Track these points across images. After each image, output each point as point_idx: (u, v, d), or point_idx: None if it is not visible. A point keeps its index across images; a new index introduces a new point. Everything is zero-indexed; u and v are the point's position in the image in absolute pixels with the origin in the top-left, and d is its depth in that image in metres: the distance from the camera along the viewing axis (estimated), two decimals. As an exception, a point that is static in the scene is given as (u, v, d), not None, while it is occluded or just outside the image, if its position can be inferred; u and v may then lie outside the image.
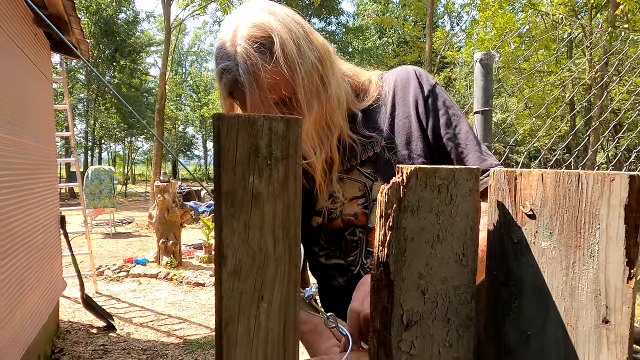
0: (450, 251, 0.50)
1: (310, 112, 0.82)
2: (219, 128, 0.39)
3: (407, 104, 0.91)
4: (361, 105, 0.94)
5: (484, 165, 0.86)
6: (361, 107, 0.94)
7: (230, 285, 0.40)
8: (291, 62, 0.78)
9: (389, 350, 0.48)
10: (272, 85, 0.79)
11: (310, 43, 0.82)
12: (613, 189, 0.42)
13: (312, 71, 0.80)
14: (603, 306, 0.44)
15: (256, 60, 0.77)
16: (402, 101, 0.92)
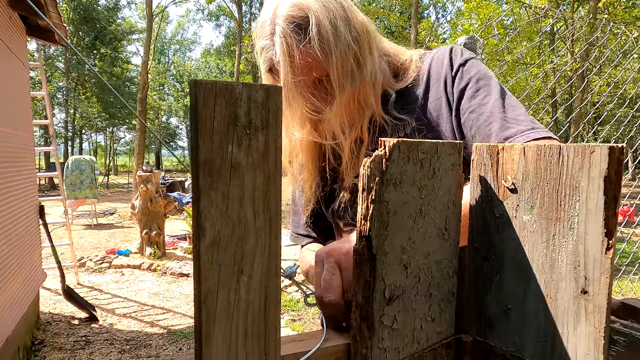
0: (432, 225, 0.50)
1: (342, 94, 0.82)
2: (196, 95, 0.37)
3: (439, 85, 0.89)
4: (398, 86, 0.92)
5: (505, 134, 0.77)
6: (397, 88, 0.92)
7: (209, 257, 0.39)
8: (325, 43, 0.78)
9: (371, 325, 0.48)
10: (305, 66, 0.80)
11: (348, 23, 0.81)
12: (593, 161, 0.43)
13: (347, 52, 0.80)
14: (582, 277, 0.44)
15: (291, 41, 0.78)
16: (436, 82, 0.90)
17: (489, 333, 0.52)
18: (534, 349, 0.48)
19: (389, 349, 0.49)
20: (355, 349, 0.49)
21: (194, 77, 41.18)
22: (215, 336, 0.40)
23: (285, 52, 0.78)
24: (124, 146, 42.43)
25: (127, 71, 28.97)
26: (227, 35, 23.30)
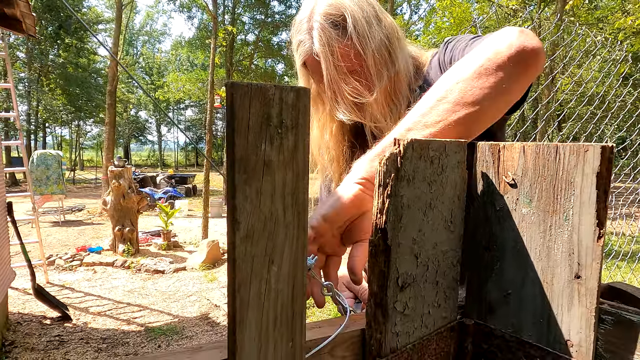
0: (440, 218, 0.54)
1: (380, 82, 0.88)
2: (233, 96, 0.40)
3: (438, 71, 0.96)
4: (418, 83, 0.99)
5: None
6: (419, 85, 0.99)
7: (243, 249, 0.42)
8: (362, 37, 0.86)
9: (385, 311, 0.51)
10: (344, 56, 0.86)
11: (379, 22, 0.89)
12: (587, 159, 0.47)
13: (381, 46, 0.88)
14: (575, 263, 0.49)
15: (330, 34, 0.86)
16: (436, 70, 0.96)
17: (489, 317, 0.57)
18: (531, 330, 0.53)
19: (401, 333, 0.53)
20: (370, 334, 0.52)
21: (163, 69, 40.17)
22: (248, 323, 0.43)
23: (324, 43, 0.86)
24: (90, 140, 41.03)
25: (93, 62, 27.96)
26: (200, 28, 22.83)
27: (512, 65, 0.65)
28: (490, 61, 0.66)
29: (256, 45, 22.03)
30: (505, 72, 0.65)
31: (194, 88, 20.75)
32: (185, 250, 6.95)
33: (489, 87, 0.64)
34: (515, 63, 0.65)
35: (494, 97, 0.64)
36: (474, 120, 0.64)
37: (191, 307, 4.52)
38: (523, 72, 0.66)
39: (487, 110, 0.64)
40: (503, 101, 0.66)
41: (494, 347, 0.55)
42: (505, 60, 0.65)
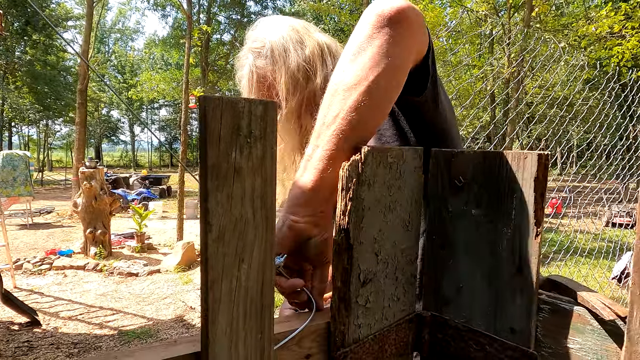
0: (398, 219, 0.59)
1: (288, 102, 0.96)
2: (205, 108, 0.43)
3: None
4: None
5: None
6: None
7: (214, 249, 0.45)
8: (276, 62, 0.97)
9: (348, 305, 0.56)
10: (260, 84, 0.99)
11: (301, 45, 0.97)
12: (526, 165, 0.53)
13: (296, 69, 0.95)
14: (517, 259, 0.55)
15: (253, 66, 1.00)
16: None
17: (444, 309, 0.62)
18: (480, 319, 0.59)
19: (363, 325, 0.58)
20: (334, 326, 0.57)
21: (136, 68, 39.33)
22: (220, 317, 0.47)
23: (249, 77, 1.00)
24: (59, 140, 39.77)
25: (63, 60, 27.11)
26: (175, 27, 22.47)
27: (379, 31, 0.63)
28: (361, 35, 0.65)
29: (232, 45, 21.86)
30: (377, 41, 0.63)
31: (168, 87, 20.40)
32: (159, 253, 6.85)
33: (369, 60, 0.62)
34: (380, 28, 0.64)
35: (376, 67, 0.62)
36: (370, 98, 0.61)
37: (166, 309, 4.47)
38: (394, 33, 0.63)
39: (378, 84, 0.61)
40: (389, 69, 0.62)
41: (448, 337, 0.60)
42: (371, 30, 0.64)
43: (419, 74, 0.74)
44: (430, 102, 0.79)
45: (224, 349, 0.48)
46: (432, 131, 0.82)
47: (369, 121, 0.61)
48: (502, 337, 0.56)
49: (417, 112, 0.81)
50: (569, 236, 6.67)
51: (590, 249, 6.26)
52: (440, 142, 0.83)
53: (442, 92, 0.84)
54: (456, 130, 0.92)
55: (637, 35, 7.44)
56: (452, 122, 0.88)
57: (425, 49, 0.73)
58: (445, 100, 0.86)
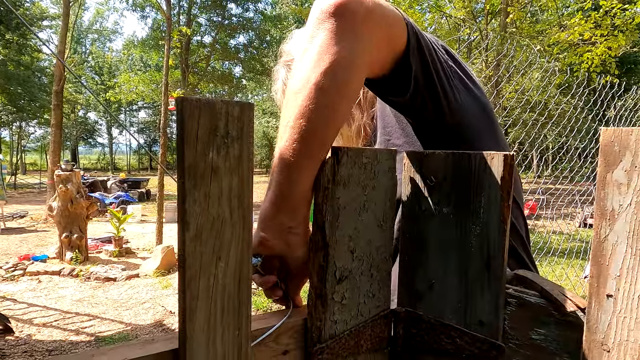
0: (373, 218, 0.61)
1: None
2: (182, 110, 0.44)
3: None
4: None
5: None
6: None
7: (192, 247, 0.46)
8: None
9: (324, 302, 0.57)
10: None
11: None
12: (493, 165, 0.56)
13: None
14: (486, 255, 0.58)
15: (285, 78, 0.98)
16: None
17: (417, 304, 0.64)
18: (451, 314, 0.61)
19: (339, 321, 0.59)
20: (311, 322, 0.58)
21: (115, 69, 38.62)
22: (197, 314, 0.47)
23: (282, 90, 0.98)
24: (34, 142, 38.68)
25: (37, 60, 26.40)
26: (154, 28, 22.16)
27: (319, 28, 0.60)
28: (306, 35, 0.62)
29: (213, 48, 21.69)
30: (318, 39, 0.59)
31: (147, 89, 20.10)
32: (138, 257, 6.73)
33: (310, 60, 0.59)
34: (321, 24, 0.60)
35: (317, 68, 0.58)
36: (316, 101, 0.57)
37: (145, 314, 4.40)
38: (335, 28, 0.59)
39: (321, 85, 0.57)
40: (333, 67, 0.58)
41: (422, 331, 0.63)
42: (313, 28, 0.60)
43: (401, 72, 0.69)
44: (428, 100, 0.72)
45: (202, 345, 0.49)
46: (442, 130, 0.76)
47: (320, 126, 0.57)
48: (472, 330, 0.59)
49: (417, 113, 0.76)
50: (544, 237, 6.85)
51: (563, 249, 6.44)
52: (459, 140, 0.76)
53: (451, 85, 0.75)
54: (487, 124, 0.81)
55: (605, 42, 7.73)
56: (477, 116, 0.79)
57: (401, 44, 0.67)
58: (462, 93, 0.77)
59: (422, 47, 0.70)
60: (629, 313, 0.48)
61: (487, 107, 0.83)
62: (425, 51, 0.70)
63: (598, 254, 0.50)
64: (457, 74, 0.78)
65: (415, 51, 0.69)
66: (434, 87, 0.72)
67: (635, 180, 0.47)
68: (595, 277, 0.51)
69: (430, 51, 0.71)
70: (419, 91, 0.71)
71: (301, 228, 0.60)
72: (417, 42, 0.69)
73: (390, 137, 0.87)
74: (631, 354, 0.49)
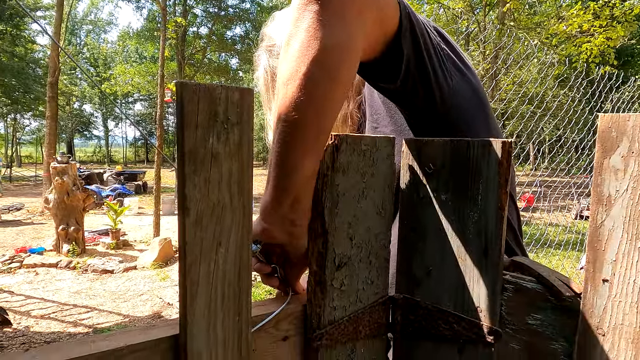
0: (372, 205, 0.61)
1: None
2: (182, 95, 0.44)
3: None
4: None
5: None
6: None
7: (192, 233, 0.46)
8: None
9: (324, 288, 0.58)
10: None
11: None
12: (491, 152, 0.56)
13: None
14: (483, 241, 0.58)
15: (267, 65, 0.95)
16: None
17: (415, 291, 0.65)
18: (449, 299, 0.62)
19: (338, 307, 0.60)
20: (310, 309, 0.59)
21: (110, 61, 38.30)
22: (198, 299, 0.48)
23: (264, 77, 0.96)
24: (29, 135, 38.44)
25: (32, 52, 26.14)
26: (150, 19, 21.93)
27: (304, 12, 0.57)
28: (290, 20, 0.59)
29: (209, 39, 21.51)
30: (303, 23, 0.57)
31: (143, 81, 19.94)
32: (135, 249, 6.74)
33: (297, 49, 0.56)
34: (305, 7, 0.56)
35: (305, 56, 0.55)
36: (307, 92, 0.55)
37: (142, 306, 4.41)
38: (321, 11, 0.55)
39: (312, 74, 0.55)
40: (322, 53, 0.55)
41: (420, 317, 0.63)
42: (297, 13, 0.58)
43: (392, 56, 0.66)
44: (419, 85, 0.69)
45: (202, 330, 0.49)
46: (432, 118, 0.74)
47: (314, 117, 0.55)
48: (469, 315, 0.60)
49: (407, 100, 0.73)
50: (541, 229, 6.89)
51: (559, 241, 6.49)
52: (449, 127, 0.74)
53: (443, 69, 0.73)
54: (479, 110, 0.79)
55: (604, 33, 7.72)
56: (469, 101, 0.77)
57: (393, 26, 0.64)
58: (455, 77, 0.75)
59: (415, 29, 0.67)
60: (624, 297, 0.49)
61: (480, 90, 0.81)
62: (418, 34, 0.67)
63: (594, 239, 0.50)
64: (450, 58, 0.76)
65: (407, 34, 0.66)
66: (426, 72, 0.69)
67: (632, 166, 0.47)
68: (591, 262, 0.51)
69: (423, 34, 0.69)
70: (410, 76, 0.68)
71: (304, 219, 0.58)
72: (410, 24, 0.66)
73: (377, 125, 0.85)
74: (626, 337, 0.50)
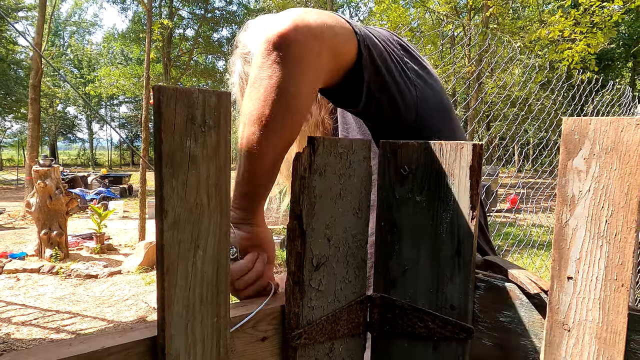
0: (349, 206, 0.63)
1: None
2: (159, 99, 0.45)
3: None
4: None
5: None
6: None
7: (170, 235, 0.47)
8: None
9: (302, 288, 0.59)
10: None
11: None
12: (462, 154, 0.58)
13: None
14: (456, 241, 0.60)
15: (242, 73, 0.97)
16: None
17: (392, 290, 0.66)
18: (424, 298, 0.63)
19: (316, 307, 0.61)
20: (289, 309, 0.60)
21: (95, 62, 37.79)
22: (175, 301, 0.48)
23: (240, 84, 0.97)
24: (10, 138, 37.66)
25: (13, 53, 25.65)
26: (135, 21, 21.73)
27: (267, 60, 0.63)
28: (254, 65, 0.66)
29: (196, 41, 21.39)
30: (265, 71, 0.64)
31: (128, 83, 19.74)
32: (120, 253, 6.65)
33: (261, 94, 0.64)
34: (268, 56, 0.64)
35: (267, 100, 0.63)
36: (267, 131, 0.64)
37: (127, 311, 4.36)
38: (281, 61, 0.63)
39: (274, 118, 0.64)
40: (283, 99, 0.63)
41: (396, 316, 0.65)
42: (261, 59, 0.64)
43: (353, 82, 0.72)
44: (384, 104, 0.75)
45: (180, 332, 0.50)
46: (398, 130, 0.80)
47: (270, 152, 0.66)
48: (443, 313, 0.61)
49: (374, 119, 0.80)
50: (525, 230, 7.00)
51: (542, 241, 6.60)
52: (417, 137, 0.76)
53: (407, 83, 0.78)
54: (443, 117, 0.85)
55: (585, 39, 7.90)
56: (433, 109, 0.82)
57: (352, 57, 0.70)
58: (419, 88, 0.80)
59: (375, 57, 0.73)
60: (588, 294, 0.51)
61: (443, 95, 0.87)
62: (377, 59, 0.73)
63: (560, 238, 0.53)
64: (413, 69, 0.81)
65: (367, 62, 0.72)
66: (388, 90, 0.75)
67: (593, 167, 0.50)
68: (556, 260, 0.53)
69: (382, 55, 0.74)
70: (374, 98, 0.74)
71: (259, 219, 0.70)
72: (369, 52, 0.72)
73: (348, 134, 0.91)
74: (589, 332, 0.52)
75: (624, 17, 8.22)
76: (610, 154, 0.48)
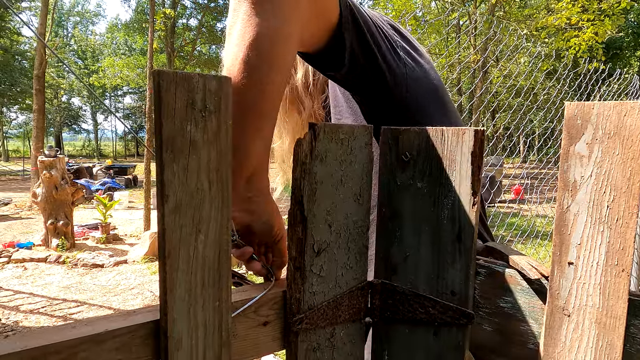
0: (350, 192, 0.63)
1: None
2: (159, 83, 0.45)
3: None
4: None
5: None
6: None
7: (171, 220, 0.48)
8: None
9: (303, 273, 0.59)
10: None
11: None
12: (464, 140, 0.58)
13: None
14: (457, 227, 0.60)
15: None
16: None
17: (393, 276, 0.67)
18: (425, 284, 0.64)
19: (317, 293, 0.62)
20: (290, 294, 0.60)
21: (98, 53, 37.75)
22: (177, 285, 0.49)
23: None
24: (16, 129, 37.88)
25: (17, 43, 25.65)
26: (138, 10, 21.63)
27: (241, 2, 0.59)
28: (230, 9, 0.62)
29: (199, 31, 21.29)
30: (240, 13, 0.60)
31: (132, 74, 19.73)
32: (126, 243, 6.71)
33: (236, 37, 0.60)
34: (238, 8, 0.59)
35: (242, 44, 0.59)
36: (249, 76, 0.59)
37: (133, 300, 4.41)
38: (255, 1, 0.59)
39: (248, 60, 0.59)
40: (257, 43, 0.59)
41: (397, 302, 0.65)
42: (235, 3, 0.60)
43: (337, 46, 0.69)
44: (369, 72, 0.72)
45: (183, 315, 0.50)
46: (388, 106, 0.78)
47: (254, 100, 0.59)
48: (444, 299, 0.62)
49: (360, 88, 0.77)
50: (529, 220, 6.99)
51: (546, 232, 6.59)
52: (405, 116, 0.78)
53: (394, 57, 0.76)
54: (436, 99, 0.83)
55: (592, 27, 7.79)
56: (425, 90, 0.81)
57: (334, 17, 0.67)
58: (409, 67, 0.78)
59: (357, 19, 0.69)
60: (588, 279, 0.51)
61: (438, 82, 0.85)
62: (360, 21, 0.70)
63: (561, 223, 0.53)
64: (404, 48, 0.79)
65: (349, 24, 0.68)
66: (374, 58, 0.72)
67: (595, 152, 0.49)
68: (557, 246, 0.53)
69: (366, 22, 0.71)
70: (358, 64, 0.71)
71: (260, 196, 0.64)
72: (351, 13, 0.69)
73: (340, 117, 0.89)
74: (589, 317, 0.52)
75: (633, 4, 8.08)
76: (613, 138, 0.48)
